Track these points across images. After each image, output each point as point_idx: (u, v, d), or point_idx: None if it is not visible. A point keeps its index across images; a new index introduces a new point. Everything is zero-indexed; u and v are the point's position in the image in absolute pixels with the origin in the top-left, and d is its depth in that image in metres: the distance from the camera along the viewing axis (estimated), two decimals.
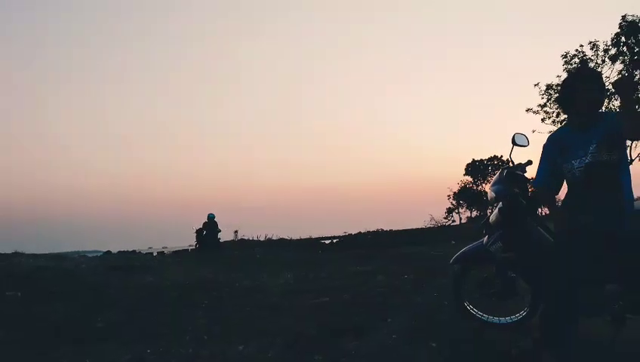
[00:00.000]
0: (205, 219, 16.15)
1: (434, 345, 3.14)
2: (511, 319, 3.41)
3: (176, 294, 5.79)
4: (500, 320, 3.45)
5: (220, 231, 16.23)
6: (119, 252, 21.23)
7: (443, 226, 37.57)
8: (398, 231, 32.78)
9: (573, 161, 2.64)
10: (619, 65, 21.75)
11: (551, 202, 2.86)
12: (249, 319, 4.35)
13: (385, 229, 33.49)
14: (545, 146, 2.85)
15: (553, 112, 23.00)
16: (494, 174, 3.41)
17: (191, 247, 19.77)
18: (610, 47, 21.79)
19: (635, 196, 2.68)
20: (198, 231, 16.21)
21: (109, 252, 20.75)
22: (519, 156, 3.43)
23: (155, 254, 18.51)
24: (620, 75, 2.81)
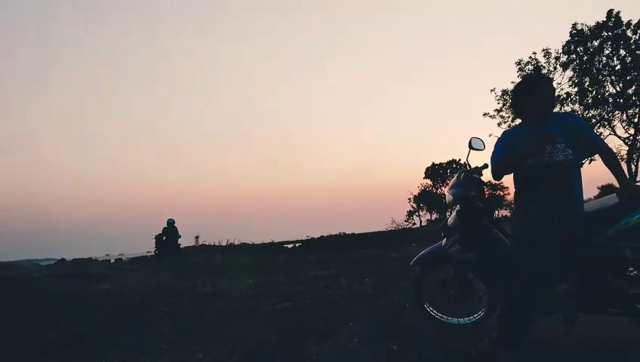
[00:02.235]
0: (165, 225, 15.83)
1: (394, 347, 3.16)
2: (469, 319, 3.47)
3: (135, 302, 5.63)
4: (458, 321, 3.51)
5: (180, 236, 15.92)
6: (74, 260, 20.53)
7: (404, 229, 38.11)
8: (360, 234, 33.10)
9: (527, 159, 2.72)
10: (570, 72, 22.67)
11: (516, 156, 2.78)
12: (209, 326, 4.27)
13: (347, 233, 33.73)
14: (499, 139, 2.94)
15: (509, 117, 23.79)
16: (453, 177, 3.47)
17: (150, 254, 19.34)
18: (562, 54, 22.68)
19: (585, 198, 2.79)
20: (158, 237, 15.84)
21: (63, 260, 20.08)
22: (476, 160, 3.51)
23: (112, 261, 18.03)
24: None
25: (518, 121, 3.38)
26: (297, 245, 27.94)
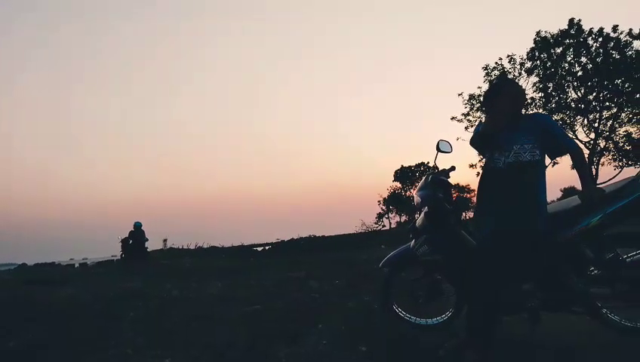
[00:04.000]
0: (132, 228, 15.51)
1: (364, 349, 3.17)
2: (437, 320, 3.51)
3: (100, 307, 5.49)
4: (427, 322, 3.54)
5: (147, 239, 15.63)
6: (36, 264, 19.95)
7: (374, 231, 38.38)
8: (330, 236, 33.17)
9: (495, 155, 2.77)
10: (534, 78, 23.29)
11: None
12: (177, 330, 4.20)
13: (317, 235, 33.82)
14: (477, 127, 3.01)
15: (476, 120, 24.26)
16: (421, 180, 3.51)
17: (116, 258, 18.95)
18: (526, 60, 23.28)
19: (547, 199, 2.86)
20: (124, 241, 15.52)
21: (24, 265, 19.49)
22: (443, 162, 3.55)
23: (76, 266, 17.60)
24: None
25: None
26: (267, 248, 27.76)
